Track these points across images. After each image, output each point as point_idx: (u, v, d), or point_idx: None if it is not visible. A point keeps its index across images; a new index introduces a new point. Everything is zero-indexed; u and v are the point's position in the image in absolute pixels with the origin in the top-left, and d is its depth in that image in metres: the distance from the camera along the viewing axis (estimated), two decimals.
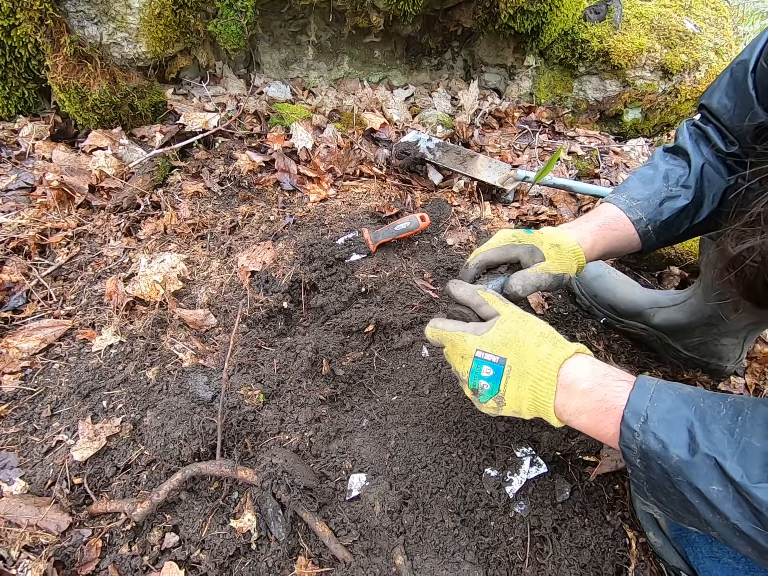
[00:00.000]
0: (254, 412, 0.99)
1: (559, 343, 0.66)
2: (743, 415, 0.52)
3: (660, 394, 0.56)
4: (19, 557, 0.73)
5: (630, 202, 0.87)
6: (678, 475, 0.52)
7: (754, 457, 0.48)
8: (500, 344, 0.66)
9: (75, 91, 1.37)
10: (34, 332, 1.06)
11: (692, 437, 0.51)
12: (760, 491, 0.46)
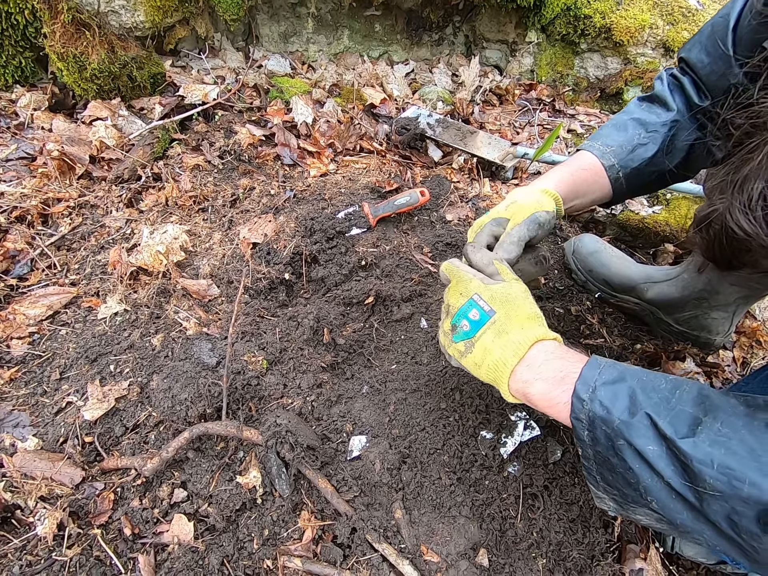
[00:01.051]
0: (258, 377, 1.01)
1: (544, 327, 0.70)
2: (681, 389, 0.56)
3: (608, 368, 0.61)
4: (35, 507, 0.76)
5: (604, 148, 0.88)
6: (620, 437, 0.55)
7: (684, 419, 0.53)
8: (498, 299, 0.69)
9: (73, 59, 1.35)
10: (39, 299, 1.07)
11: (633, 401, 0.56)
12: (686, 444, 0.50)
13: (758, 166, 0.54)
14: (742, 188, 0.56)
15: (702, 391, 0.55)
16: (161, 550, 0.81)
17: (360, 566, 0.81)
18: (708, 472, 0.49)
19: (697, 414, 0.53)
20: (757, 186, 0.54)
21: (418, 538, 0.85)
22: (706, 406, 0.54)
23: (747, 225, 0.55)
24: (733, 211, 0.57)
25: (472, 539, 0.86)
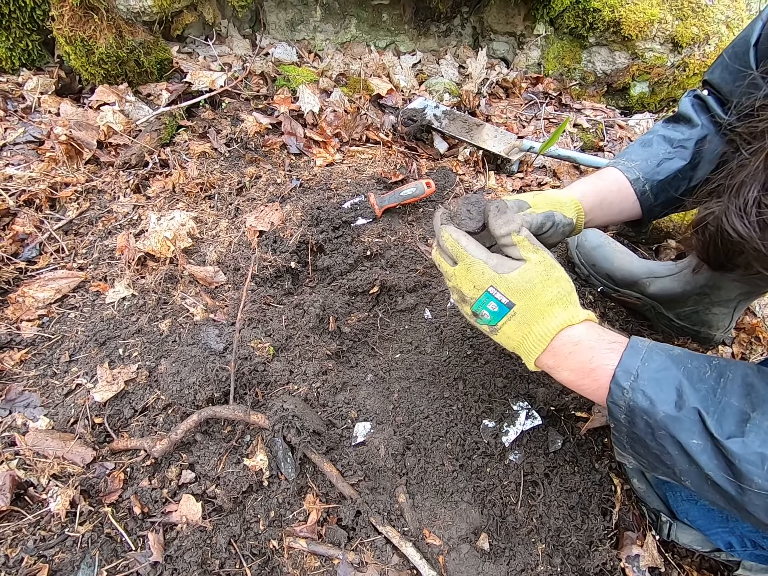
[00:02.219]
0: (264, 363, 1.03)
1: (571, 308, 0.65)
2: (725, 376, 0.56)
3: (651, 354, 0.59)
4: (48, 484, 0.78)
5: (628, 163, 0.89)
6: (662, 429, 0.56)
7: (731, 414, 0.53)
8: (516, 290, 0.65)
9: (81, 43, 1.35)
10: (48, 282, 1.08)
11: (680, 395, 0.55)
12: (734, 444, 0.51)
13: (754, 173, 0.56)
14: (739, 193, 0.58)
15: (746, 379, 0.55)
16: (170, 529, 0.82)
17: (364, 548, 0.84)
18: (757, 472, 0.49)
19: (744, 408, 0.53)
20: (753, 191, 0.56)
21: (420, 521, 0.87)
22: (752, 398, 0.53)
23: (742, 228, 0.57)
24: (728, 215, 0.59)
25: (473, 524, 0.88)
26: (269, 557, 0.83)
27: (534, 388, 1.04)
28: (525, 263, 0.67)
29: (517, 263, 0.67)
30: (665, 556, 0.89)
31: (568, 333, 0.64)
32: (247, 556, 0.82)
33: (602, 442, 1.02)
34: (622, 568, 0.85)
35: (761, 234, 0.55)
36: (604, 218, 0.90)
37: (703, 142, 0.87)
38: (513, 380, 1.05)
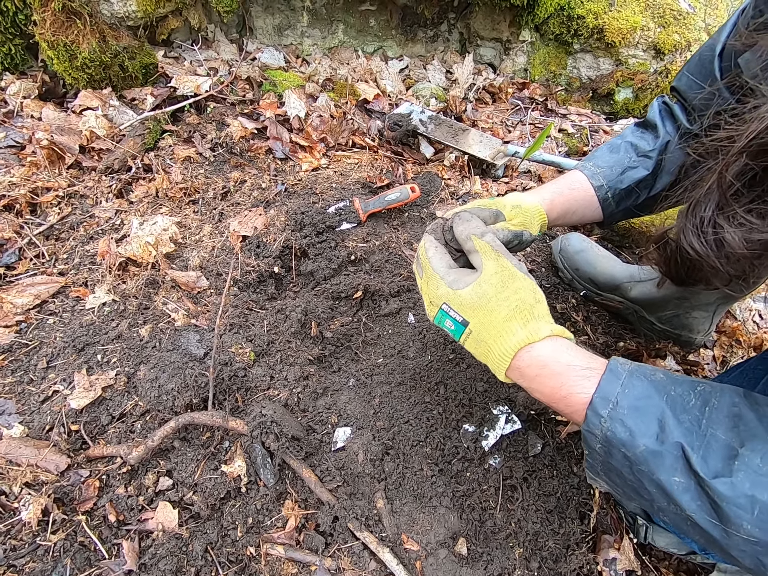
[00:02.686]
0: (245, 368, 1.03)
1: (531, 324, 0.60)
2: (710, 405, 0.52)
3: (632, 380, 0.55)
4: (20, 493, 0.77)
5: (595, 169, 0.91)
6: (641, 464, 0.51)
7: (717, 449, 0.48)
8: (468, 307, 0.63)
9: (64, 48, 1.35)
10: (27, 288, 1.07)
11: (662, 426, 0.51)
12: (722, 485, 0.46)
13: (708, 192, 0.56)
14: (695, 211, 0.58)
15: (733, 409, 0.51)
16: (146, 536, 0.82)
17: (341, 554, 0.83)
18: (746, 517, 0.45)
19: (731, 443, 0.48)
20: (708, 210, 0.56)
21: (399, 527, 0.87)
22: (740, 431, 0.49)
23: (699, 246, 0.57)
24: (686, 233, 0.59)
25: (451, 529, 0.88)
26: (246, 564, 0.82)
27: (514, 392, 1.04)
28: (481, 275, 0.64)
29: (474, 277, 0.64)
30: (642, 559, 0.89)
31: (531, 353, 0.60)
32: (224, 564, 0.81)
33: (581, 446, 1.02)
34: (599, 571, 0.86)
35: (717, 252, 0.55)
36: (564, 222, 0.93)
37: (665, 152, 0.88)
38: (493, 384, 1.05)
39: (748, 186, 0.53)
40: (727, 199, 0.54)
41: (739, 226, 0.53)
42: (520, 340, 0.60)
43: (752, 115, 0.52)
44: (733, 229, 0.53)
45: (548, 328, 0.61)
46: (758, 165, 0.51)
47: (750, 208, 0.53)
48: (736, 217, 0.54)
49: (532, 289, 0.64)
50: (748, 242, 0.52)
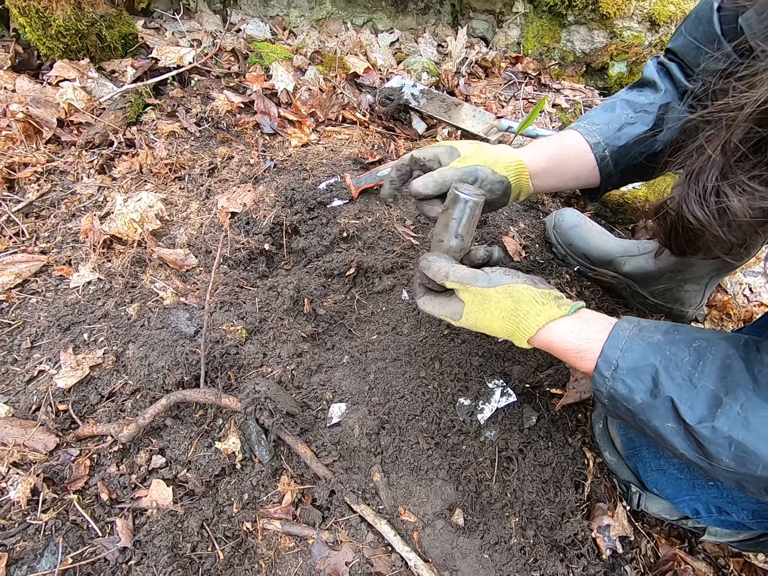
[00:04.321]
0: (237, 346, 1.01)
1: (522, 323, 0.67)
2: (704, 359, 0.57)
3: (631, 344, 0.61)
4: (7, 473, 0.75)
5: (589, 126, 0.86)
6: (640, 414, 0.59)
7: (704, 399, 0.54)
8: (473, 327, 0.72)
9: (36, 15, 1.27)
10: (7, 267, 1.04)
11: (655, 383, 0.58)
12: (704, 429, 0.53)
13: (712, 160, 0.56)
14: (698, 179, 0.58)
15: (725, 361, 0.56)
16: (139, 514, 0.81)
17: (338, 527, 0.83)
18: (724, 453, 0.52)
19: (718, 392, 0.54)
20: (711, 179, 0.56)
21: (395, 499, 0.87)
22: (728, 381, 0.54)
23: (701, 215, 0.57)
24: (688, 201, 0.59)
25: (448, 500, 0.88)
26: (243, 539, 0.82)
27: (509, 366, 1.04)
28: (464, 307, 0.71)
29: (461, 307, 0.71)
30: (635, 525, 0.91)
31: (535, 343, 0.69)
32: (220, 539, 0.81)
33: (576, 417, 1.03)
34: (593, 538, 0.87)
35: (720, 221, 0.56)
36: (558, 183, 0.88)
37: (666, 108, 0.84)
38: (489, 359, 1.05)
39: (753, 152, 0.53)
40: (731, 166, 0.54)
41: (743, 194, 0.53)
42: (521, 337, 0.68)
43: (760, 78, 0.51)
44: (737, 197, 0.53)
45: (536, 321, 0.66)
46: (765, 130, 0.50)
47: (754, 175, 0.52)
48: (740, 184, 0.53)
49: (508, 295, 0.68)
50: (752, 209, 0.52)
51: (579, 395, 1.02)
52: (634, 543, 0.89)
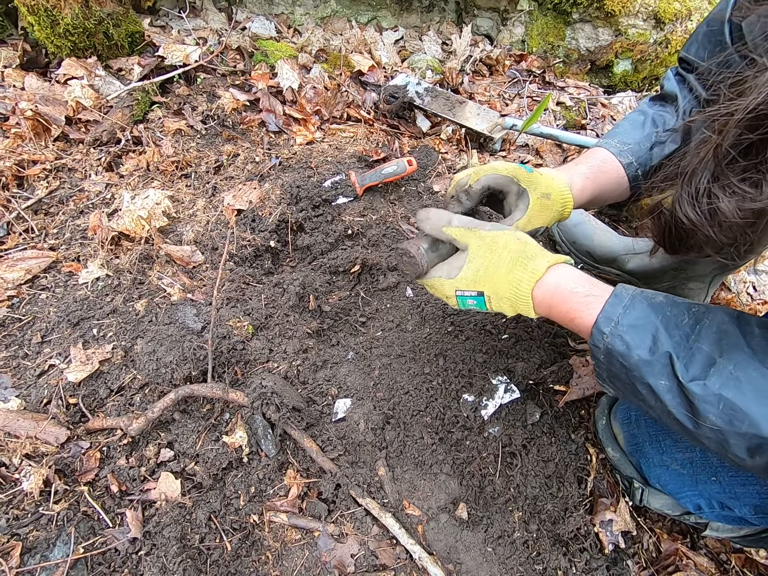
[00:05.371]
0: (243, 342, 1.02)
1: (530, 264, 0.68)
2: (702, 323, 0.59)
3: (633, 302, 0.62)
4: (20, 465, 0.77)
5: (621, 146, 0.87)
6: (635, 371, 0.60)
7: (699, 359, 0.56)
8: (474, 281, 0.71)
9: (45, 13, 1.29)
10: (18, 263, 1.05)
11: (655, 341, 0.59)
12: (696, 387, 0.55)
13: (703, 163, 0.57)
14: (691, 181, 0.59)
15: (722, 326, 0.58)
16: (149, 506, 0.82)
17: (344, 520, 0.84)
18: (712, 410, 0.54)
19: (712, 354, 0.56)
20: (703, 181, 0.57)
21: (400, 493, 0.88)
22: (723, 344, 0.56)
23: (693, 215, 0.59)
24: (681, 202, 0.61)
25: (452, 494, 0.89)
26: (250, 531, 0.83)
27: (513, 362, 1.05)
28: (468, 253, 0.71)
29: (463, 257, 0.72)
30: (637, 520, 0.91)
31: (542, 288, 0.68)
32: (228, 531, 0.82)
33: (579, 414, 1.04)
34: (596, 532, 0.88)
35: (711, 221, 0.57)
36: (594, 202, 0.90)
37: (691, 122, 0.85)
38: (492, 355, 1.06)
39: (743, 155, 0.54)
40: (722, 169, 0.55)
41: (733, 195, 0.55)
42: (529, 281, 0.67)
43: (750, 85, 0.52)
44: (727, 198, 0.55)
45: (545, 261, 0.68)
46: (754, 135, 0.51)
47: (744, 178, 0.54)
48: (730, 186, 0.55)
49: (515, 238, 0.70)
50: (741, 210, 0.54)
51: (582, 392, 1.03)
52: (636, 538, 0.90)
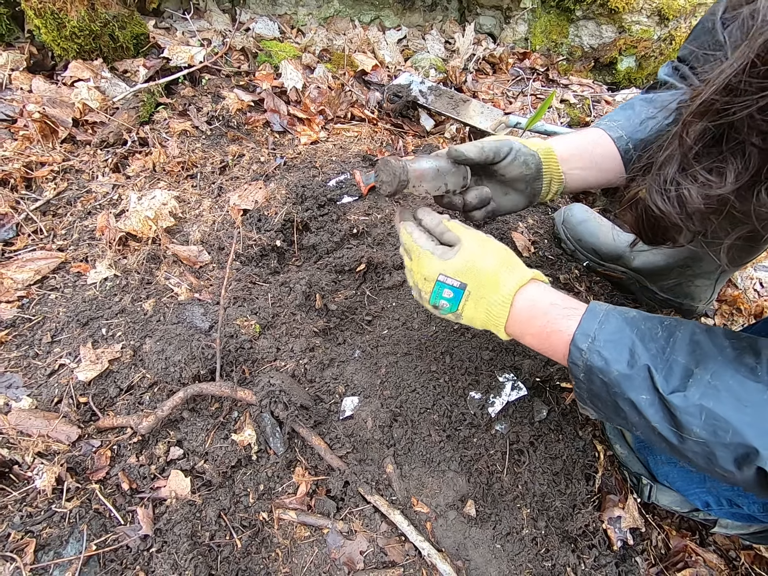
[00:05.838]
0: (251, 341, 1.02)
1: (516, 270, 0.70)
2: (675, 336, 0.60)
3: (608, 317, 0.63)
4: (33, 463, 0.78)
5: (610, 123, 0.87)
6: (615, 387, 0.60)
7: (677, 371, 0.57)
8: (462, 271, 0.70)
9: (51, 16, 1.30)
10: (27, 263, 1.06)
11: (632, 354, 0.59)
12: (677, 398, 0.55)
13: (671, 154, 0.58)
14: (659, 172, 0.60)
15: (693, 337, 0.59)
16: (159, 503, 0.83)
17: (353, 517, 0.85)
18: (695, 422, 0.54)
19: (689, 365, 0.56)
20: (671, 171, 0.58)
21: (408, 490, 0.89)
22: (697, 355, 0.57)
23: (662, 204, 0.59)
24: (651, 191, 0.61)
25: (460, 492, 0.89)
26: (259, 528, 0.84)
27: (520, 360, 1.05)
28: (461, 244, 0.72)
29: (456, 248, 0.72)
30: (646, 517, 0.91)
31: (524, 296, 0.69)
32: (237, 528, 0.83)
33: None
34: (604, 529, 0.88)
35: (679, 210, 0.58)
36: (585, 174, 0.88)
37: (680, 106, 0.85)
38: (499, 353, 1.06)
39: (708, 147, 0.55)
40: (688, 160, 0.56)
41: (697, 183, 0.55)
42: (514, 285, 0.68)
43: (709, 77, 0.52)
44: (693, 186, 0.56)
45: (530, 272, 0.70)
46: (716, 127, 0.52)
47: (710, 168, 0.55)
48: (694, 174, 0.56)
49: (503, 247, 0.73)
50: (705, 198, 0.55)
51: None
52: (645, 535, 0.90)
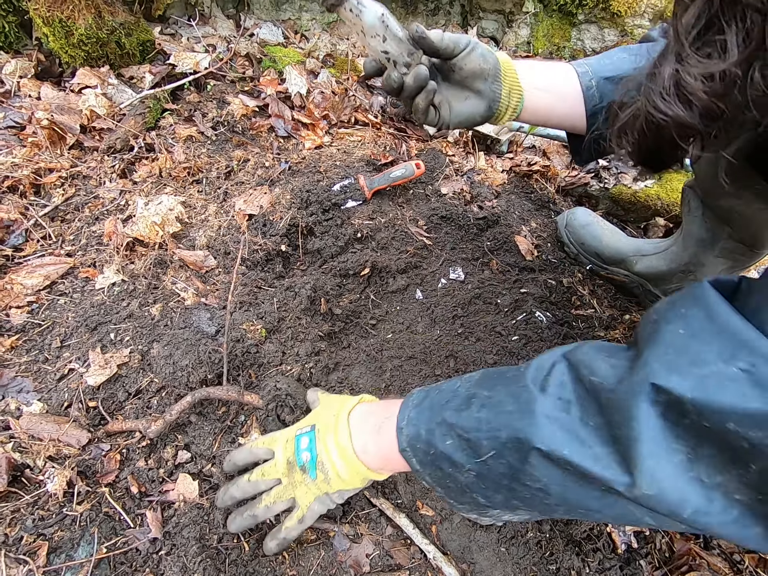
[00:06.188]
0: (257, 345, 1.04)
1: (347, 402, 0.78)
2: (468, 377, 0.66)
3: (417, 394, 0.70)
4: (44, 466, 0.79)
5: (580, 61, 0.86)
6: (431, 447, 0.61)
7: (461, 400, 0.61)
8: (310, 418, 0.81)
9: (59, 24, 1.31)
10: (36, 269, 1.07)
11: (432, 410, 0.64)
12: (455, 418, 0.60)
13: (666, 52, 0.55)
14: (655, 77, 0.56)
15: (486, 374, 0.64)
16: (168, 507, 0.84)
17: (359, 520, 0.86)
18: (481, 435, 0.55)
19: (474, 391, 0.60)
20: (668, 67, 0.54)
21: (413, 494, 0.89)
22: (482, 381, 0.62)
23: (662, 103, 0.55)
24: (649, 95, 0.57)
25: None
26: (266, 532, 0.84)
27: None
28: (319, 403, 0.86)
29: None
30: None
31: (357, 411, 0.77)
32: (245, 531, 0.83)
33: None
34: (608, 532, 0.88)
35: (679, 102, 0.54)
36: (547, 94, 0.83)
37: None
38: (503, 356, 1.07)
39: (704, 29, 0.51)
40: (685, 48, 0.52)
41: (696, 65, 0.51)
42: (346, 410, 0.77)
43: None
44: (691, 70, 0.52)
45: (356, 398, 0.80)
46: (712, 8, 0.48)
47: (709, 48, 0.50)
48: (690, 59, 0.52)
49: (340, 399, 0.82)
50: (705, 77, 0.50)
51: None
52: (649, 538, 0.90)
